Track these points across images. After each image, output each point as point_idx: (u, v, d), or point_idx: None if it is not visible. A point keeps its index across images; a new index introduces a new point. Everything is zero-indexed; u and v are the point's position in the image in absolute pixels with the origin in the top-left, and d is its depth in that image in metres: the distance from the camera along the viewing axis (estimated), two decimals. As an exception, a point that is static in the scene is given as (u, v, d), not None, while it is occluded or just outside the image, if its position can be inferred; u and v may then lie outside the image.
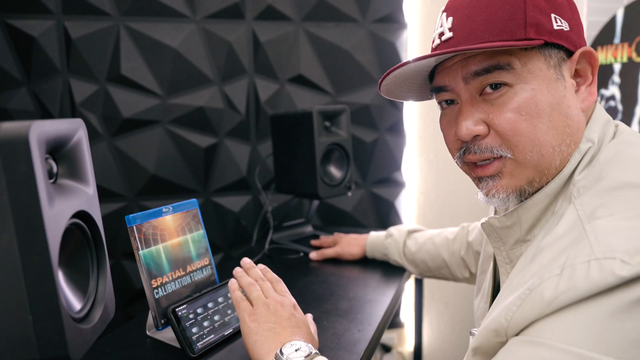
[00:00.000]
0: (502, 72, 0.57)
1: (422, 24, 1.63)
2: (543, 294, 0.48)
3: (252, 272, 0.80)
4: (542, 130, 0.57)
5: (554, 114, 0.57)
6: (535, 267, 0.52)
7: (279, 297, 0.74)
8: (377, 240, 1.21)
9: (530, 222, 0.61)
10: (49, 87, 1.38)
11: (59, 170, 0.57)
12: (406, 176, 1.69)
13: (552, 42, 0.57)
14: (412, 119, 1.68)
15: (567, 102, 0.58)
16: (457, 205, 1.73)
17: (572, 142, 0.59)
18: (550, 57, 0.58)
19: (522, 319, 0.49)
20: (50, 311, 0.49)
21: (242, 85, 1.50)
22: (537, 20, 0.56)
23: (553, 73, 0.58)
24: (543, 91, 0.57)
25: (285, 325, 0.70)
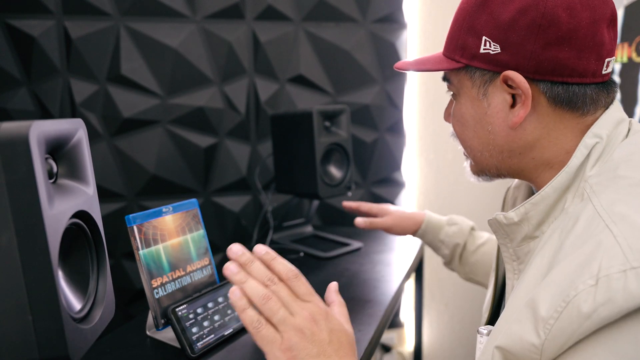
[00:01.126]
0: (449, 84, 0.69)
1: (422, 24, 1.63)
2: (580, 307, 0.47)
3: (254, 270, 0.57)
4: (468, 136, 0.68)
5: (477, 126, 0.65)
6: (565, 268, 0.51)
7: (307, 308, 0.56)
8: (438, 224, 1.11)
9: (539, 218, 0.61)
10: (49, 87, 1.38)
11: (59, 170, 0.57)
12: (406, 176, 1.69)
13: (473, 65, 0.62)
14: (412, 119, 1.68)
15: (488, 119, 0.64)
16: (457, 205, 1.73)
17: (503, 150, 0.64)
18: (474, 78, 0.64)
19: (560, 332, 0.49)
20: (50, 311, 0.49)
21: (242, 85, 1.50)
22: (465, 43, 0.63)
23: (476, 92, 0.64)
24: (467, 106, 0.66)
25: (331, 353, 0.55)
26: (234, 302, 0.56)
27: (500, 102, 0.62)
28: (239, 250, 0.58)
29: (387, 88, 1.60)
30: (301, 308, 0.56)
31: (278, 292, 0.56)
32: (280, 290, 0.56)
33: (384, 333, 0.98)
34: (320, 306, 0.58)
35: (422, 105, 1.68)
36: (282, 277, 0.58)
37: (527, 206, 0.61)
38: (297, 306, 0.56)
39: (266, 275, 0.57)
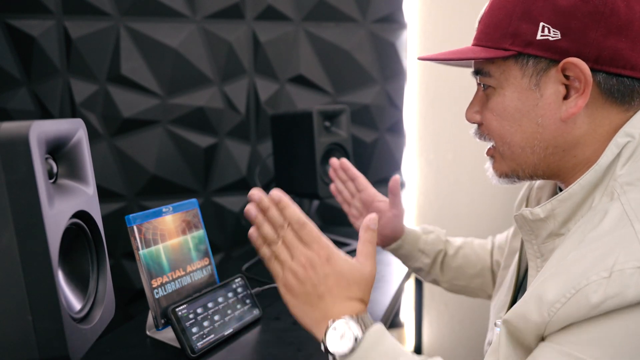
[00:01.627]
0: (485, 77, 0.65)
1: (422, 24, 1.63)
2: (589, 297, 0.48)
3: (270, 215, 0.65)
4: (509, 132, 0.64)
5: (523, 120, 0.62)
6: (581, 259, 0.52)
7: (306, 253, 0.63)
8: (415, 234, 1.00)
9: (565, 215, 0.60)
10: (49, 87, 1.38)
11: (59, 170, 0.57)
12: (406, 176, 1.69)
13: (527, 52, 0.59)
14: (412, 119, 1.68)
15: (539, 111, 0.61)
16: (457, 205, 1.73)
17: (548, 145, 0.62)
18: (526, 67, 0.60)
19: (565, 316, 0.50)
20: (50, 311, 0.49)
21: (242, 85, 1.50)
22: (517, 30, 0.59)
23: (527, 82, 0.61)
24: (514, 98, 0.62)
25: (323, 293, 0.62)
26: (253, 241, 0.67)
27: (553, 93, 0.60)
28: (258, 196, 0.65)
29: (387, 88, 1.60)
30: (300, 254, 0.63)
31: (285, 237, 0.64)
32: (287, 235, 0.64)
33: (384, 333, 0.97)
34: (320, 253, 0.63)
35: (422, 105, 1.68)
36: (291, 224, 0.64)
37: (554, 203, 0.60)
38: (298, 251, 0.63)
39: (278, 222, 0.65)
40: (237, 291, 0.91)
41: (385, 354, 0.59)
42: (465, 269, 1.00)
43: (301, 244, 0.64)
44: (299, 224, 0.64)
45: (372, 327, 0.60)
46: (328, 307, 0.63)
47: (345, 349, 0.59)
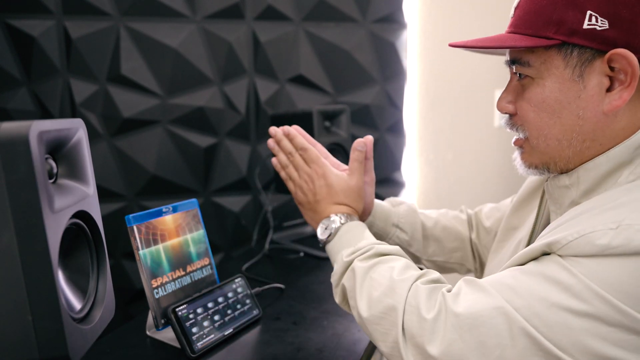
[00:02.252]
0: (522, 67, 0.62)
1: (422, 24, 1.63)
2: (594, 242, 0.50)
3: (283, 145, 0.86)
4: (547, 124, 0.61)
5: (564, 112, 0.60)
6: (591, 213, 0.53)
7: (307, 171, 0.83)
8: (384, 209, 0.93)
9: (588, 185, 0.60)
10: (49, 87, 1.38)
11: (59, 170, 0.57)
12: (406, 176, 1.69)
13: (572, 42, 0.57)
14: (412, 119, 1.68)
15: (581, 103, 0.59)
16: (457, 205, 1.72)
17: (586, 139, 0.60)
18: (570, 57, 0.58)
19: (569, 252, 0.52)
20: (50, 311, 0.49)
21: (242, 85, 1.50)
22: (562, 18, 0.57)
23: (570, 73, 0.58)
24: (554, 89, 0.60)
25: (319, 199, 0.82)
26: (275, 167, 0.88)
27: (597, 85, 0.57)
28: (274, 130, 0.87)
29: (387, 88, 1.60)
30: (304, 172, 0.84)
31: (294, 161, 0.85)
32: (296, 159, 0.85)
33: (384, 333, 0.97)
34: (317, 170, 0.83)
35: (422, 105, 1.68)
36: (297, 149, 0.85)
37: (580, 171, 0.61)
38: (302, 171, 0.84)
39: (288, 149, 0.86)
40: (237, 291, 0.92)
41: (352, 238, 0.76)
42: (445, 242, 0.95)
43: (305, 165, 0.84)
44: (303, 149, 0.84)
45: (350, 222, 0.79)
46: (323, 210, 0.82)
47: (325, 236, 0.79)
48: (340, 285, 0.73)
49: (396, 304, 0.61)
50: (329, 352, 0.80)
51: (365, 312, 0.65)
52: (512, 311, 0.52)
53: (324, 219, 0.80)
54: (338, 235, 0.77)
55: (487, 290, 0.56)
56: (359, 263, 0.70)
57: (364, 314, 0.65)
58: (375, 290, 0.64)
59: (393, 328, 0.61)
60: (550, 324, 0.50)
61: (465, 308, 0.55)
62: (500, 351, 0.52)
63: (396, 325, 0.60)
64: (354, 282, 0.69)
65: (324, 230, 0.80)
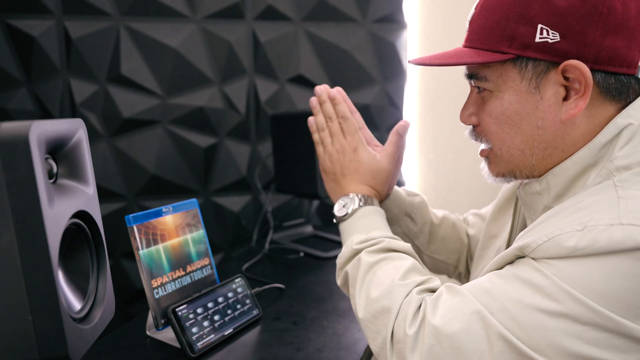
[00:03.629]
0: (480, 81, 0.64)
1: (422, 24, 1.63)
2: (562, 244, 0.51)
3: (325, 108, 0.84)
4: (509, 135, 0.63)
5: (523, 123, 0.61)
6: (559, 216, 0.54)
7: (342, 141, 0.81)
8: (401, 195, 0.90)
9: (558, 189, 0.61)
10: (49, 87, 1.38)
11: (59, 170, 0.57)
12: (406, 176, 1.69)
13: (526, 56, 0.58)
14: (412, 119, 1.68)
15: (539, 113, 0.60)
16: (457, 205, 1.73)
17: (548, 147, 0.62)
18: (525, 70, 0.59)
19: (539, 255, 0.53)
20: (50, 311, 0.49)
21: (242, 85, 1.50)
22: (515, 33, 0.58)
23: (526, 85, 0.60)
24: (512, 101, 0.61)
25: (345, 173, 0.81)
26: (310, 126, 0.86)
27: (553, 95, 0.59)
28: (319, 90, 0.84)
29: (387, 88, 1.60)
30: (337, 141, 0.82)
31: (332, 127, 0.83)
32: (334, 125, 0.83)
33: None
34: (351, 144, 0.81)
35: (422, 106, 1.68)
36: (339, 115, 0.82)
37: (549, 177, 0.62)
38: (336, 139, 0.82)
39: (329, 113, 0.83)
40: (237, 291, 0.92)
41: (366, 224, 0.75)
42: (448, 242, 0.94)
43: (341, 134, 0.82)
44: (344, 118, 0.82)
45: (369, 206, 0.77)
46: (347, 185, 0.80)
47: (342, 214, 0.78)
48: (344, 271, 0.73)
49: (391, 307, 0.61)
50: (329, 352, 0.80)
51: (361, 310, 0.65)
52: (488, 315, 0.53)
53: (344, 196, 0.79)
54: (354, 217, 0.77)
55: (464, 295, 0.57)
56: (366, 256, 0.69)
57: (360, 313, 0.66)
58: (375, 289, 0.65)
59: (383, 329, 0.62)
60: (525, 326, 0.51)
61: (442, 316, 0.56)
62: (479, 356, 0.53)
63: (387, 327, 0.61)
64: (357, 272, 0.69)
65: (341, 208, 0.79)
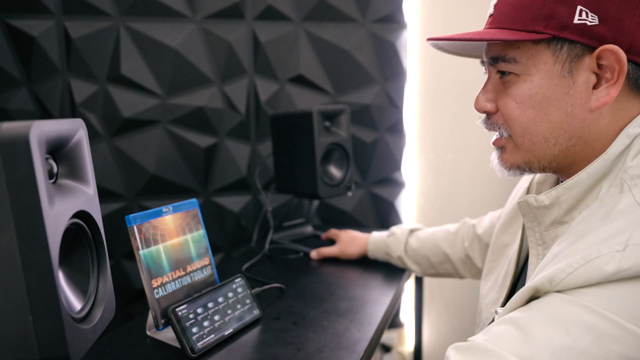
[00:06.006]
0: (507, 64, 0.60)
1: (422, 24, 1.63)
2: (602, 267, 0.47)
3: None
4: (533, 121, 0.60)
5: (551, 108, 0.59)
6: (590, 237, 0.51)
7: None
8: (379, 240, 1.19)
9: (570, 203, 0.59)
10: (49, 87, 1.38)
11: (59, 170, 0.57)
12: (406, 176, 1.69)
13: (563, 37, 0.56)
14: (412, 119, 1.68)
15: (569, 99, 0.58)
16: (457, 204, 1.73)
17: (573, 136, 0.59)
18: (559, 52, 0.57)
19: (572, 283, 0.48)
20: (50, 311, 0.49)
21: (242, 85, 1.50)
22: (552, 12, 0.56)
23: (559, 68, 0.57)
24: (543, 85, 0.58)
25: None
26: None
27: (585, 81, 0.57)
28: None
29: (387, 88, 1.60)
30: None
31: None
32: None
33: (384, 333, 0.98)
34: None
35: (422, 105, 1.68)
36: None
37: (560, 190, 0.59)
38: None
39: None
40: (237, 291, 0.92)
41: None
42: (431, 259, 1.10)
43: None
44: None
45: None
46: None
47: None
48: None
49: None
50: (329, 352, 0.80)
51: None
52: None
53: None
54: None
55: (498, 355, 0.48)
56: None
57: None
58: None
59: None
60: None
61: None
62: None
63: None
64: None
65: None
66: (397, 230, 1.17)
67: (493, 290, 0.79)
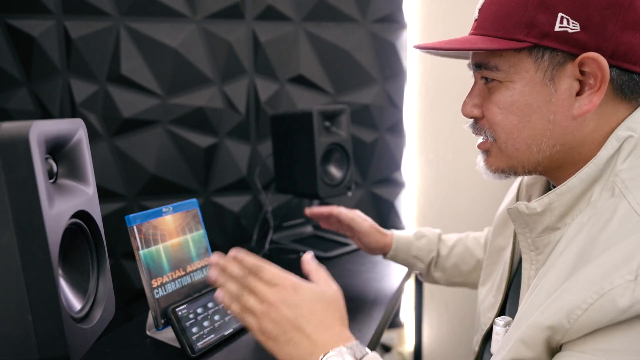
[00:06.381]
0: (490, 71, 0.61)
1: (422, 24, 1.63)
2: (616, 301, 0.46)
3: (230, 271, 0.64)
4: (516, 127, 0.60)
5: (534, 115, 0.59)
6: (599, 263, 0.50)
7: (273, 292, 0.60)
8: (407, 241, 1.04)
9: (563, 209, 0.58)
10: (49, 87, 1.38)
11: (59, 170, 0.57)
12: (406, 176, 1.69)
13: (544, 45, 0.56)
14: (412, 119, 1.68)
15: (552, 107, 0.58)
16: (457, 205, 1.73)
17: (556, 143, 0.59)
18: (541, 60, 0.57)
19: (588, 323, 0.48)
20: (50, 311, 0.49)
21: (242, 85, 1.50)
22: (533, 20, 0.56)
23: (541, 76, 0.57)
24: (524, 93, 0.59)
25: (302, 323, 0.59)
26: (220, 302, 0.63)
27: (567, 89, 0.56)
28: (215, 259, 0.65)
29: (387, 88, 1.60)
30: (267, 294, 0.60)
31: (249, 285, 0.62)
32: (250, 282, 0.62)
33: (384, 333, 0.98)
34: (286, 286, 0.61)
35: (422, 105, 1.68)
36: (250, 271, 0.63)
37: (552, 196, 0.59)
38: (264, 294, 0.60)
39: (238, 273, 0.63)
40: (237, 291, 0.91)
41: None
42: (460, 266, 1.03)
43: (266, 286, 0.61)
44: (256, 268, 0.62)
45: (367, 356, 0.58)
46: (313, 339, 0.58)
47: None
48: None
49: None
50: (329, 352, 0.80)
51: None
52: None
53: (325, 356, 0.57)
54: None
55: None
56: None
57: None
58: None
59: None
60: None
61: None
62: None
63: None
64: None
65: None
66: (428, 233, 1.06)
67: (490, 295, 0.79)
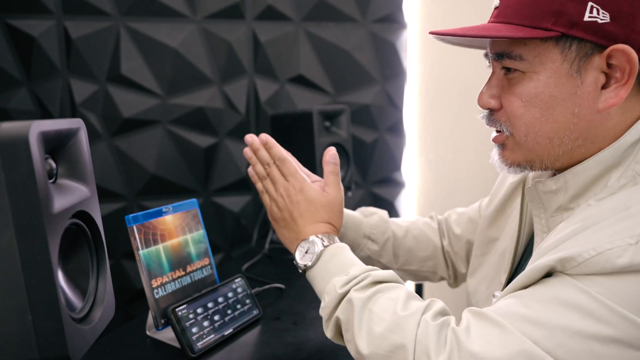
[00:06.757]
0: (513, 61, 0.58)
1: (422, 24, 1.63)
2: (614, 260, 0.47)
3: (260, 155, 0.81)
4: (538, 120, 0.58)
5: (558, 108, 0.57)
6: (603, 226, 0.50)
7: (285, 185, 0.77)
8: (356, 219, 0.92)
9: (577, 189, 0.58)
10: (49, 87, 1.38)
11: (59, 170, 0.57)
12: (406, 176, 1.69)
13: (572, 35, 0.54)
14: (412, 119, 1.68)
15: (577, 99, 0.56)
16: (457, 205, 1.72)
17: (579, 137, 0.58)
18: (568, 51, 0.55)
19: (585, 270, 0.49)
20: (50, 311, 0.49)
21: (242, 85, 1.50)
22: (562, 8, 0.53)
23: (567, 67, 0.55)
24: (549, 84, 0.57)
25: (296, 217, 0.76)
26: (250, 177, 0.84)
27: (593, 82, 0.55)
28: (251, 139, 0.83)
29: (387, 88, 1.60)
30: (280, 185, 0.78)
31: (271, 173, 0.79)
32: (272, 171, 0.79)
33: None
34: (295, 185, 0.77)
35: (422, 105, 1.68)
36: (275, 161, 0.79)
37: (567, 175, 0.58)
38: (279, 184, 0.78)
39: (265, 159, 0.81)
40: (237, 291, 0.91)
41: (340, 264, 0.68)
42: (416, 251, 0.94)
43: (282, 178, 0.78)
44: (280, 160, 0.79)
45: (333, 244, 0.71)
46: (302, 229, 0.75)
47: (308, 262, 0.71)
48: (334, 318, 0.65)
49: (405, 342, 0.54)
50: (329, 352, 0.80)
51: (365, 349, 0.58)
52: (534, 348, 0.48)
53: (302, 241, 0.74)
54: (322, 260, 0.70)
55: (502, 326, 0.50)
56: (356, 294, 0.62)
57: (364, 351, 0.58)
58: (378, 326, 0.58)
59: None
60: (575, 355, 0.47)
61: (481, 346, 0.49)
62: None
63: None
64: (351, 314, 0.62)
65: (304, 255, 0.72)
66: (377, 210, 0.97)
67: (482, 286, 0.78)
